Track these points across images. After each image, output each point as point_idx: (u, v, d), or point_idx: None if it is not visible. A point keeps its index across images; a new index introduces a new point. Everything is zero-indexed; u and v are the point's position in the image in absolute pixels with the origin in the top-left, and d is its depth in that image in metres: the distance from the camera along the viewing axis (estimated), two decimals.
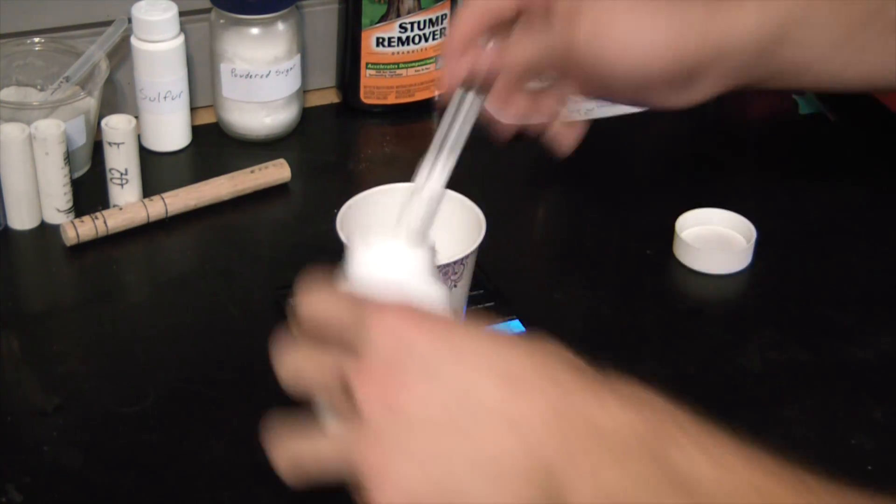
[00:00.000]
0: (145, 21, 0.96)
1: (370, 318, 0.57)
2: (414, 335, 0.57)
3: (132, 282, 0.89)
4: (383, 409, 0.56)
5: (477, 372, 0.56)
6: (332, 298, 0.60)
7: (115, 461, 0.73)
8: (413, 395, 0.56)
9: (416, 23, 1.02)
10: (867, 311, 0.86)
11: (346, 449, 0.57)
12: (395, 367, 0.56)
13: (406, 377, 0.56)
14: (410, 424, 0.56)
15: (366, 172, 1.01)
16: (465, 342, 0.57)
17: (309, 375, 0.60)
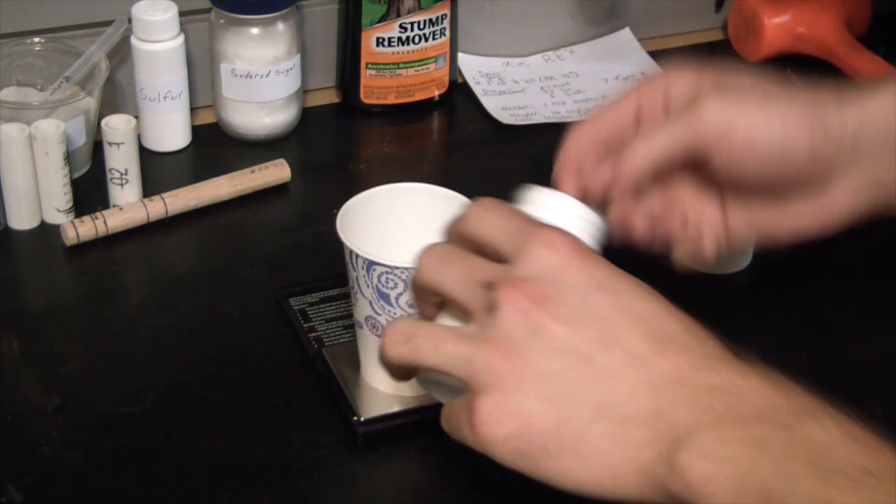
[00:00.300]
0: (145, 21, 0.96)
1: (539, 236, 0.57)
2: (578, 268, 0.56)
3: (132, 282, 0.89)
4: (526, 322, 0.55)
5: (628, 318, 0.55)
6: (504, 211, 0.59)
7: (115, 461, 0.73)
8: (560, 320, 0.55)
9: (416, 23, 1.02)
10: (867, 311, 0.86)
11: (472, 347, 0.55)
12: (550, 291, 0.55)
13: (559, 301, 0.55)
14: (547, 343, 0.55)
15: (366, 172, 1.01)
16: (625, 287, 0.57)
17: (452, 269, 0.58)
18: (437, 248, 0.60)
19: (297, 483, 0.72)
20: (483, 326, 0.56)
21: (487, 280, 0.56)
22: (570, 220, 0.65)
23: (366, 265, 0.71)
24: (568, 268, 0.56)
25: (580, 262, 0.56)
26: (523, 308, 0.55)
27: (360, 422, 0.74)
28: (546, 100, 1.08)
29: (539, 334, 0.55)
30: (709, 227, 0.74)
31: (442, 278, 0.59)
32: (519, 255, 0.57)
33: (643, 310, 0.56)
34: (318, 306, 0.83)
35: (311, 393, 0.78)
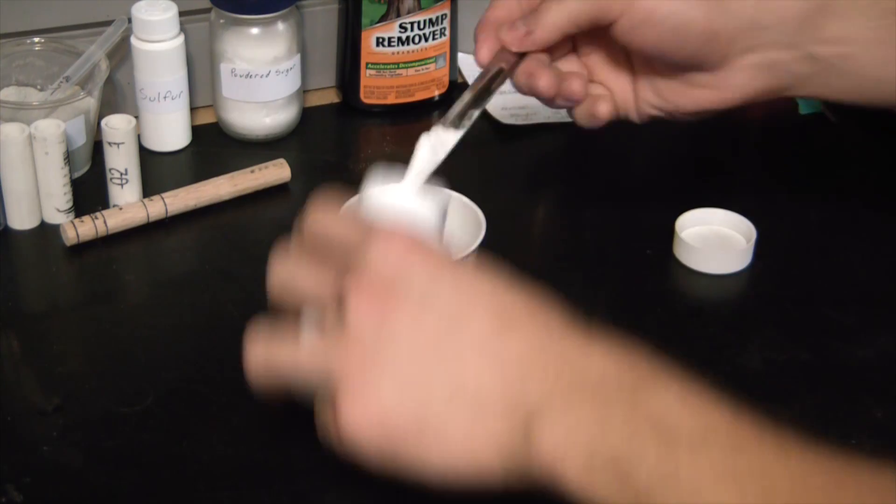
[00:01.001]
0: (145, 21, 0.96)
1: (376, 238, 0.58)
2: (416, 261, 0.57)
3: (132, 282, 0.89)
4: (373, 324, 0.56)
5: (470, 305, 0.57)
6: (340, 217, 0.61)
7: (115, 461, 0.73)
8: (405, 317, 0.56)
9: (416, 23, 1.02)
10: (867, 311, 0.86)
11: (325, 357, 0.57)
12: (392, 287, 0.57)
13: (401, 299, 0.56)
14: (396, 344, 0.56)
15: (366, 172, 1.00)
16: (463, 275, 0.58)
17: (301, 284, 0.60)
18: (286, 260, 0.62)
19: (297, 483, 0.72)
20: (334, 332, 0.57)
21: (333, 290, 0.58)
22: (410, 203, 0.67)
23: None
24: (407, 261, 0.57)
25: (418, 253, 0.58)
26: (369, 306, 0.57)
27: None
28: None
29: (386, 328, 0.56)
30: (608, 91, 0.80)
31: (296, 293, 0.61)
32: (359, 259, 0.58)
33: (485, 291, 0.58)
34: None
35: None
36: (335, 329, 0.58)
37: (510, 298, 0.58)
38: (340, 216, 0.62)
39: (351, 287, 0.57)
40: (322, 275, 0.60)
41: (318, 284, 0.60)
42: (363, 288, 0.57)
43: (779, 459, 0.53)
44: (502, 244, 0.87)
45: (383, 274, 0.57)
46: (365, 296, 0.57)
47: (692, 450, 0.53)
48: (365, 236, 0.59)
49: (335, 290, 0.58)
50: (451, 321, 0.57)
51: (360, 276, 0.58)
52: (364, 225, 0.60)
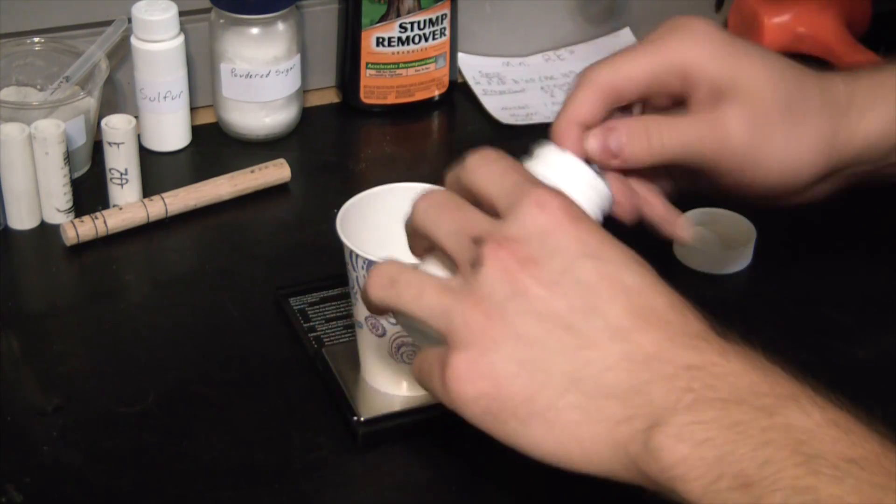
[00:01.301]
0: (145, 21, 0.96)
1: (532, 195, 0.55)
2: (568, 228, 0.55)
3: (132, 282, 0.89)
4: (509, 282, 0.54)
5: (610, 293, 0.54)
6: (503, 165, 0.58)
7: (115, 461, 0.73)
8: (543, 284, 0.54)
9: (416, 23, 1.02)
10: (867, 311, 0.86)
11: (452, 299, 0.55)
12: (535, 252, 0.54)
13: (544, 264, 0.54)
14: (527, 315, 0.54)
15: (366, 172, 1.01)
16: (614, 256, 0.55)
17: (444, 217, 0.57)
18: (434, 195, 0.59)
19: (297, 483, 0.72)
20: (466, 281, 0.55)
21: (476, 234, 0.55)
22: (574, 184, 0.64)
23: (366, 265, 0.71)
24: (557, 230, 0.55)
25: (571, 225, 0.55)
26: (507, 268, 0.54)
27: (360, 422, 0.74)
28: (546, 100, 1.08)
29: (520, 296, 0.54)
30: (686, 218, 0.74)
31: (433, 226, 0.58)
32: (510, 213, 0.55)
33: (629, 282, 0.55)
34: (318, 306, 0.83)
35: (311, 393, 0.78)
36: (468, 278, 0.55)
37: (651, 296, 0.55)
38: (502, 163, 0.58)
39: (494, 241, 0.54)
40: (469, 218, 0.57)
41: (461, 221, 0.56)
42: (506, 245, 0.54)
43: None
44: None
45: (531, 236, 0.54)
46: (506, 254, 0.54)
47: (835, 480, 0.49)
48: (522, 192, 0.56)
49: (478, 238, 0.55)
50: (586, 306, 0.54)
51: (506, 232, 0.55)
52: (525, 179, 0.57)
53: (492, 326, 0.54)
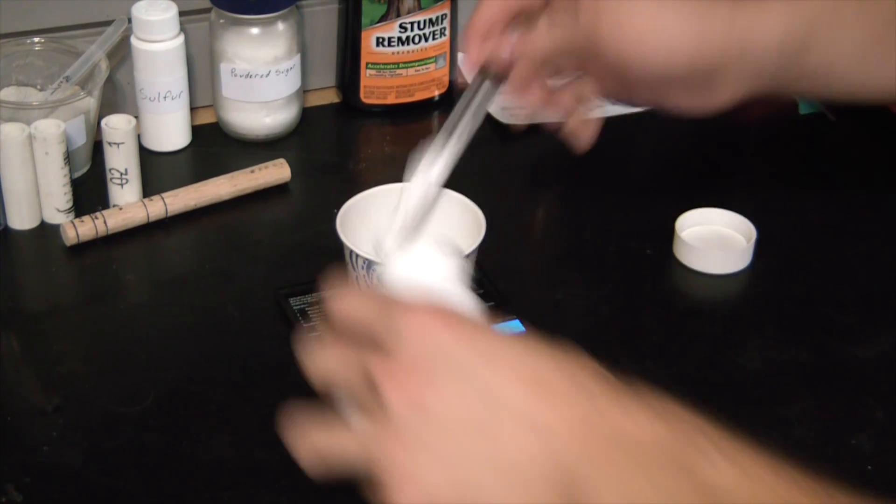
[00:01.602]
0: (145, 21, 0.96)
1: (401, 317, 0.57)
2: (444, 335, 0.56)
3: (132, 282, 0.89)
4: (409, 406, 0.56)
5: (505, 375, 0.56)
6: (363, 297, 0.60)
7: (115, 461, 0.73)
8: (440, 395, 0.55)
9: (416, 23, 1.02)
10: (867, 311, 0.86)
11: (369, 444, 0.57)
12: (423, 365, 0.56)
13: (434, 376, 0.56)
14: (436, 423, 0.55)
15: (366, 172, 1.01)
16: (494, 345, 0.57)
17: (335, 371, 0.60)
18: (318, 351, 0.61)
19: (297, 483, 0.72)
20: (376, 420, 0.57)
21: (367, 374, 0.58)
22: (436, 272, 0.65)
23: (366, 265, 0.71)
24: (435, 340, 0.56)
25: (446, 331, 0.57)
26: (401, 388, 0.56)
27: None
28: None
29: (422, 409, 0.56)
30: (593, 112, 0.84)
31: (332, 377, 0.60)
32: (388, 341, 0.57)
33: (520, 364, 0.56)
34: (319, 306, 0.83)
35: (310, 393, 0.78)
36: (373, 413, 0.57)
37: (544, 364, 0.56)
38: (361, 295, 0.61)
39: (381, 370, 0.57)
40: (353, 358, 0.59)
41: (350, 368, 0.59)
42: (393, 370, 0.57)
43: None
44: (502, 244, 0.87)
45: (411, 352, 0.57)
46: (396, 378, 0.56)
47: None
48: (388, 314, 0.58)
49: (366, 374, 0.58)
50: (486, 394, 0.55)
51: (388, 358, 0.57)
52: (386, 302, 0.59)
53: (408, 448, 0.56)
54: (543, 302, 0.86)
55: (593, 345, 0.83)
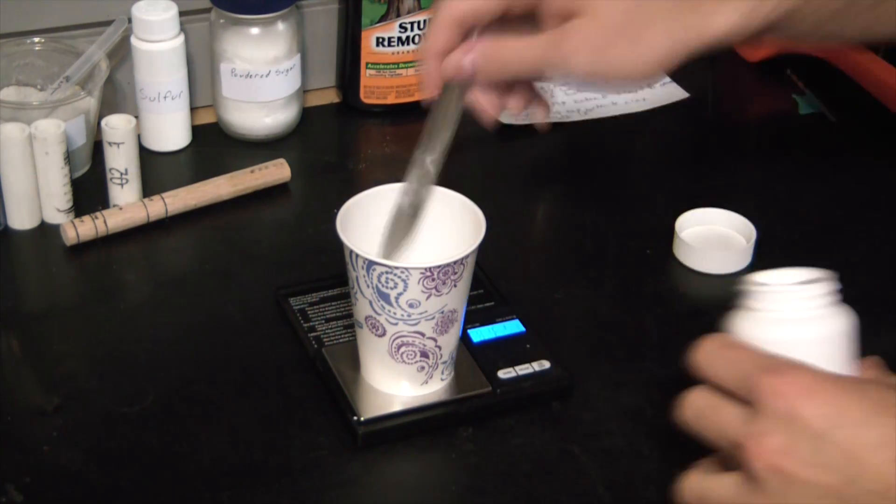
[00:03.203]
0: (145, 21, 0.96)
1: (765, 385, 0.59)
2: (806, 404, 0.59)
3: (132, 282, 0.89)
4: (778, 476, 0.58)
5: (866, 446, 0.58)
6: (728, 355, 0.62)
7: (115, 461, 0.73)
8: (802, 462, 0.58)
9: (416, 23, 1.02)
10: (867, 311, 0.86)
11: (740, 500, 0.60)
12: (785, 435, 0.58)
13: (796, 445, 0.58)
14: (800, 486, 0.58)
15: (366, 172, 1.01)
16: (856, 412, 0.59)
17: (707, 422, 0.62)
18: (693, 397, 0.63)
19: (297, 483, 0.72)
20: (748, 481, 0.60)
21: (733, 440, 0.60)
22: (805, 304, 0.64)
23: (366, 265, 0.71)
24: (798, 410, 0.59)
25: (808, 403, 0.59)
26: (769, 463, 0.58)
27: (360, 421, 0.74)
28: None
29: (790, 480, 0.58)
30: None
31: (703, 434, 0.63)
32: (753, 405, 0.60)
33: (877, 438, 0.58)
34: (318, 306, 0.83)
35: (311, 393, 0.78)
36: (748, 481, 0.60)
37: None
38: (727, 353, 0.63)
39: (749, 443, 0.59)
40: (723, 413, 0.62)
41: (720, 433, 0.62)
42: (759, 439, 0.59)
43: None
44: (502, 244, 0.87)
45: (777, 424, 0.59)
46: (762, 447, 0.59)
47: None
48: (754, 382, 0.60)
49: (736, 444, 0.60)
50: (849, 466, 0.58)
51: (755, 429, 0.59)
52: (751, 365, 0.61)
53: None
54: (543, 302, 0.86)
55: (593, 345, 0.83)
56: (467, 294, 0.75)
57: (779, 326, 0.63)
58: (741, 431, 0.60)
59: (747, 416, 0.60)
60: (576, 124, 1.05)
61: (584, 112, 1.06)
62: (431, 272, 0.71)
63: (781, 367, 0.60)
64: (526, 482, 0.73)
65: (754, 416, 0.60)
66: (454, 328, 0.75)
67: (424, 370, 0.75)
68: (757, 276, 0.65)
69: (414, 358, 0.74)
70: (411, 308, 0.72)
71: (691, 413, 0.63)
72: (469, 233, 0.74)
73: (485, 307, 0.83)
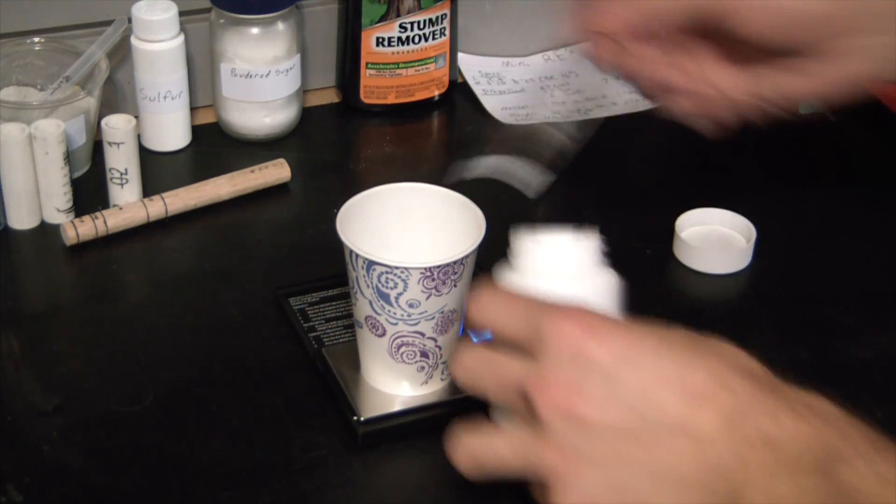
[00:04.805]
0: (145, 21, 0.96)
1: (547, 325, 0.58)
2: (592, 342, 0.57)
3: (132, 282, 0.89)
4: (563, 416, 0.57)
5: (655, 381, 0.56)
6: (505, 303, 0.61)
7: (115, 461, 0.73)
8: (593, 403, 0.56)
9: (416, 23, 1.02)
10: (867, 311, 0.86)
11: (526, 451, 0.58)
12: (573, 374, 0.57)
13: (585, 385, 0.56)
14: (591, 431, 0.56)
15: (366, 172, 1.01)
16: (641, 348, 0.57)
17: (485, 378, 0.60)
18: (466, 357, 0.62)
19: (297, 483, 0.72)
20: (530, 428, 0.58)
21: (516, 386, 0.58)
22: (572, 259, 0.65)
23: (366, 265, 0.71)
24: (584, 349, 0.57)
25: (594, 338, 0.57)
26: (557, 405, 0.57)
27: (360, 421, 0.74)
28: (546, 100, 1.08)
29: (580, 425, 0.57)
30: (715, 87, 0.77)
31: (480, 389, 0.61)
32: (535, 349, 0.58)
33: (668, 370, 0.57)
34: (318, 306, 0.83)
35: (311, 393, 0.78)
36: (529, 422, 0.58)
37: (693, 374, 0.57)
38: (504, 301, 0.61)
39: (535, 386, 0.58)
40: (502, 365, 0.60)
41: (500, 376, 0.60)
42: (544, 379, 0.57)
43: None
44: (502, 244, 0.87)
45: (561, 362, 0.57)
46: (547, 387, 0.57)
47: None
48: (533, 321, 0.59)
49: (517, 383, 0.58)
50: (638, 400, 0.56)
51: (538, 368, 0.58)
52: (530, 307, 0.60)
53: (569, 462, 0.57)
54: None
55: None
56: (467, 294, 0.75)
57: (547, 281, 0.63)
58: (525, 378, 0.58)
59: (530, 362, 0.58)
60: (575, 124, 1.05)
61: (584, 112, 1.06)
62: (431, 272, 0.71)
63: (564, 308, 0.58)
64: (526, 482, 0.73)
65: (538, 360, 0.58)
66: (454, 328, 0.75)
67: (424, 370, 0.75)
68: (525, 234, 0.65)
69: (414, 358, 0.74)
70: (411, 308, 0.72)
71: (467, 372, 0.61)
72: (469, 233, 0.74)
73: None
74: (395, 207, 0.77)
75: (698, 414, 0.56)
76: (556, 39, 1.14)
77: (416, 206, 0.77)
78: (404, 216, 0.77)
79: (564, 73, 1.11)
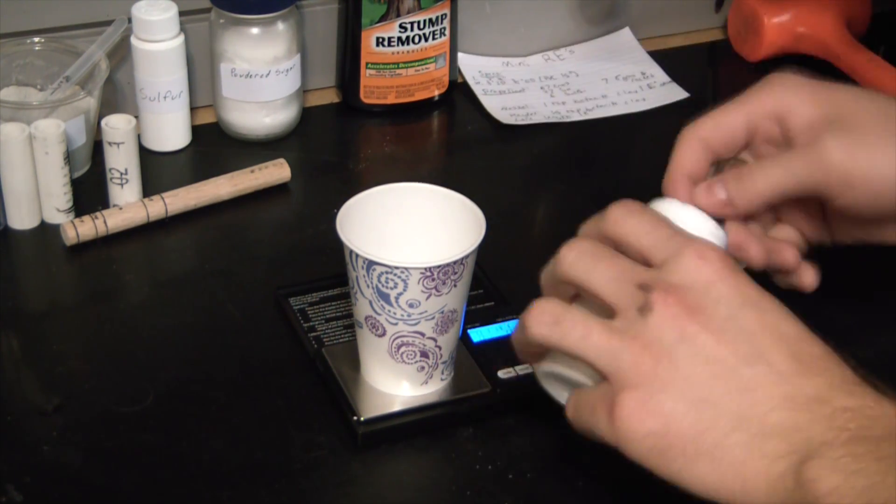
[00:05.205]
0: (145, 21, 0.96)
1: (691, 247, 0.59)
2: (728, 279, 0.59)
3: (132, 282, 0.89)
4: (678, 328, 0.58)
5: (773, 340, 0.58)
6: (650, 218, 0.62)
7: (115, 461, 0.73)
8: (709, 330, 0.58)
9: (416, 23, 1.02)
10: (867, 311, 0.86)
11: (621, 346, 0.58)
12: (703, 298, 0.58)
13: (709, 312, 0.58)
14: (694, 361, 0.57)
15: (366, 172, 1.01)
16: (771, 307, 0.59)
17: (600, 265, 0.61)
18: (582, 244, 0.63)
19: (297, 483, 0.72)
20: (632, 325, 0.58)
21: (640, 282, 0.59)
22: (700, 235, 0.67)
23: (366, 265, 0.71)
24: (718, 281, 0.59)
25: (730, 276, 0.59)
26: (676, 314, 0.58)
27: (360, 421, 0.74)
28: (546, 100, 1.08)
29: (688, 341, 0.57)
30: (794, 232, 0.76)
31: (587, 274, 0.61)
32: (670, 263, 0.59)
33: (788, 330, 0.59)
34: (318, 306, 0.83)
35: (311, 393, 0.78)
36: (634, 322, 0.58)
37: (808, 345, 0.59)
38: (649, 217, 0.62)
39: (661, 288, 0.58)
40: (628, 266, 0.60)
41: (623, 273, 0.60)
42: (673, 293, 0.58)
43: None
44: (502, 244, 0.87)
45: (695, 286, 0.58)
46: (674, 301, 0.58)
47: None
48: (679, 244, 0.60)
49: (643, 284, 0.59)
50: (750, 352, 0.58)
51: (671, 280, 0.59)
52: (677, 232, 0.61)
53: (661, 368, 0.58)
54: None
55: None
56: (467, 294, 0.75)
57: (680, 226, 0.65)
58: (654, 280, 0.59)
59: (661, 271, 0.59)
60: (576, 124, 1.05)
61: (584, 112, 1.07)
62: (431, 272, 0.71)
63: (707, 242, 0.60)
64: (526, 482, 0.73)
65: (670, 271, 0.59)
66: (454, 328, 0.75)
67: (424, 370, 0.75)
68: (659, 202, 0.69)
69: (414, 358, 0.75)
70: (411, 308, 0.72)
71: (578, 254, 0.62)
72: (469, 233, 0.74)
73: (485, 307, 0.83)
74: (394, 207, 0.77)
75: (804, 376, 0.57)
76: (556, 39, 1.14)
77: (416, 205, 0.77)
78: (404, 216, 0.77)
79: (564, 73, 1.11)
